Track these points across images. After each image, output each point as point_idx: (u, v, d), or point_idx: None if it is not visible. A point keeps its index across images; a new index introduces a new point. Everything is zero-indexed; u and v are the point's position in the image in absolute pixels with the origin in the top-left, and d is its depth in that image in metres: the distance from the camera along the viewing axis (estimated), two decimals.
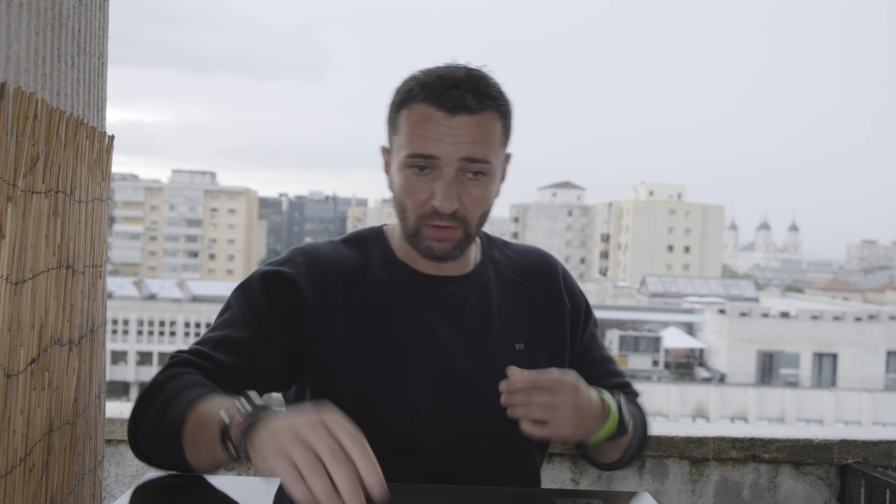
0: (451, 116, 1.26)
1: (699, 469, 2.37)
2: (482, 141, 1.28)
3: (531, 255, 1.54)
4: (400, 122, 1.31)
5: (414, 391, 1.35)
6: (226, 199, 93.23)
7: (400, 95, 1.32)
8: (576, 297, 1.53)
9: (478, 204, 1.32)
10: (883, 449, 2.35)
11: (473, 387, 1.38)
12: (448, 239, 1.32)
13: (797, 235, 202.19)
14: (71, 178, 1.29)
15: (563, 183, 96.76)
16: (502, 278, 1.47)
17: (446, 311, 1.40)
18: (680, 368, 43.41)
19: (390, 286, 1.39)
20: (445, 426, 1.36)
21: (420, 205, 1.30)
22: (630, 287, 60.95)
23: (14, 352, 1.07)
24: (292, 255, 1.41)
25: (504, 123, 1.33)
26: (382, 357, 1.36)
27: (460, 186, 1.29)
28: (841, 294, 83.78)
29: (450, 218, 1.30)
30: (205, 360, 1.28)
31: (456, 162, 1.27)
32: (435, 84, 1.28)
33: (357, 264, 1.41)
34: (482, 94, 1.28)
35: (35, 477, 1.17)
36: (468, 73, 1.30)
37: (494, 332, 1.42)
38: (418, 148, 1.27)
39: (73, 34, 1.32)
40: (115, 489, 2.32)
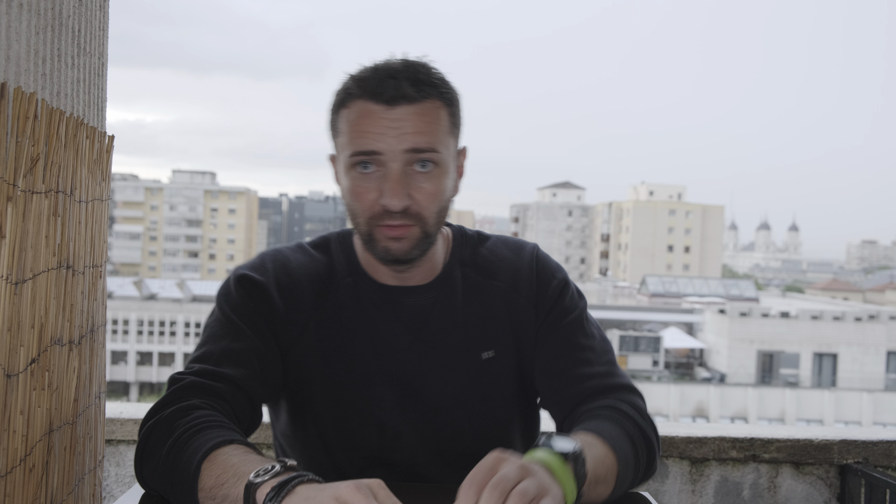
0: (390, 108, 1.20)
1: (699, 469, 2.37)
2: (426, 130, 1.21)
3: (503, 250, 1.44)
4: (340, 123, 1.25)
5: (380, 406, 1.33)
6: (226, 199, 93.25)
7: (338, 96, 1.26)
8: (547, 285, 1.40)
9: (431, 198, 1.24)
10: (883, 449, 2.35)
11: (439, 402, 1.34)
12: (404, 237, 1.24)
13: (797, 235, 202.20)
14: (71, 178, 1.29)
15: (563, 183, 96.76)
16: (470, 282, 1.39)
17: (407, 324, 1.34)
18: (680, 368, 43.39)
19: (354, 295, 1.35)
20: (415, 442, 1.34)
21: (369, 206, 1.24)
22: (630, 287, 60.95)
23: (14, 352, 1.07)
24: (262, 261, 1.37)
25: (450, 112, 1.26)
26: (349, 370, 1.33)
27: (410, 181, 1.22)
28: (841, 294, 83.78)
29: (402, 216, 1.23)
30: (212, 379, 1.23)
31: (401, 155, 1.21)
32: (370, 77, 1.22)
33: (324, 270, 1.37)
34: (421, 83, 1.22)
35: (35, 477, 1.17)
36: (405, 63, 1.24)
37: (459, 343, 1.35)
38: (360, 145, 1.21)
39: (73, 34, 1.32)
40: (115, 489, 2.32)
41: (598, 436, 1.19)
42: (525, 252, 1.43)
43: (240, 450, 1.08)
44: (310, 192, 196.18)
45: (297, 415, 1.37)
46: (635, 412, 1.30)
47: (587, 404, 1.32)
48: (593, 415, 1.28)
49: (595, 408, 1.30)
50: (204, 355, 1.27)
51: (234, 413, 1.24)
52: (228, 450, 1.08)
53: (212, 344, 1.28)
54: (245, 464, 1.03)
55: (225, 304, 1.32)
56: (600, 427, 1.22)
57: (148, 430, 1.18)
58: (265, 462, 1.01)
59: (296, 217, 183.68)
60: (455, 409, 1.35)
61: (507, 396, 1.39)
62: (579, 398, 1.34)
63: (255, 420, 1.30)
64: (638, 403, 1.34)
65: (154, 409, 1.21)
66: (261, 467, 0.98)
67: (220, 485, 1.02)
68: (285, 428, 1.41)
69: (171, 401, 1.21)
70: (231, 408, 1.23)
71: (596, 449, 1.15)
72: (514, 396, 1.40)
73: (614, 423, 1.25)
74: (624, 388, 1.35)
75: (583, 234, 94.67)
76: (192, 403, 1.19)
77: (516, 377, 1.39)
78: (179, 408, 1.18)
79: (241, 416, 1.25)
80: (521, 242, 1.46)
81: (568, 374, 1.35)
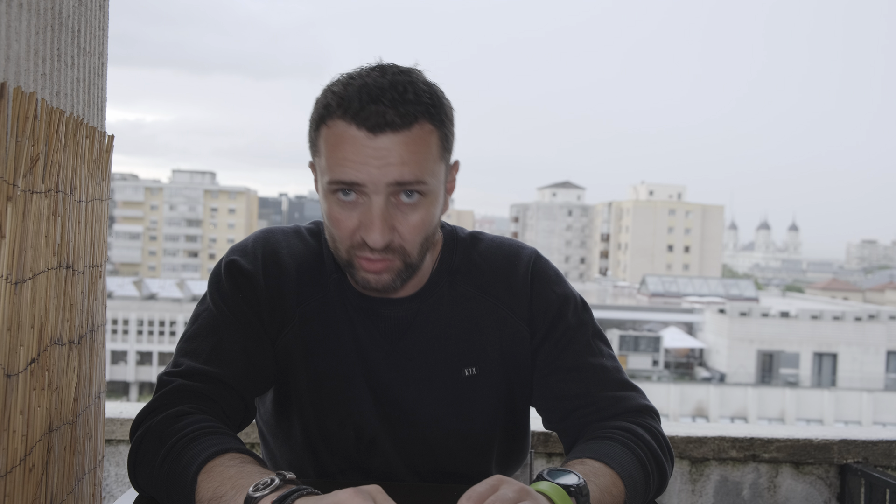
0: (373, 136, 1.11)
1: (699, 469, 2.36)
2: (413, 160, 1.12)
3: (497, 257, 1.35)
4: (319, 141, 1.16)
5: (358, 409, 1.29)
6: (226, 198, 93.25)
7: (318, 110, 1.17)
8: (544, 301, 1.33)
9: (416, 231, 1.17)
10: (883, 449, 2.35)
11: (415, 416, 1.30)
12: (384, 271, 1.17)
13: (797, 235, 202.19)
14: (71, 178, 1.29)
15: (563, 183, 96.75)
16: (458, 292, 1.31)
17: (385, 334, 1.29)
18: (680, 368, 43.41)
19: (340, 293, 1.30)
20: (391, 451, 1.31)
21: (349, 235, 1.16)
22: (630, 287, 60.97)
23: (14, 352, 1.07)
24: (254, 246, 1.32)
25: (441, 134, 1.17)
26: (331, 368, 1.29)
27: (394, 213, 1.15)
28: (841, 294, 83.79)
29: (383, 251, 1.15)
30: (201, 380, 1.21)
31: (385, 188, 1.12)
32: (353, 98, 1.11)
33: (314, 261, 1.32)
34: (409, 104, 1.11)
35: (35, 477, 1.17)
36: (392, 82, 1.12)
37: (439, 358, 1.30)
38: (339, 174, 1.13)
39: (73, 34, 1.31)
40: (115, 489, 2.32)
41: (605, 463, 1.15)
42: (521, 261, 1.35)
43: (236, 459, 1.06)
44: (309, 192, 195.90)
45: (281, 406, 1.35)
46: (649, 435, 1.25)
47: (597, 426, 1.27)
48: (604, 436, 1.23)
49: (607, 429, 1.25)
50: (194, 351, 1.24)
51: (225, 413, 1.22)
52: (225, 460, 1.06)
53: (201, 339, 1.26)
54: (243, 476, 1.01)
55: (216, 292, 1.29)
56: (610, 452, 1.18)
57: (139, 437, 1.17)
58: (264, 474, 1.01)
59: (296, 217, 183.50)
60: (432, 424, 1.30)
61: (487, 415, 1.33)
62: (591, 420, 1.29)
63: (248, 415, 1.28)
64: (653, 426, 1.28)
65: (143, 414, 1.20)
66: (260, 480, 0.97)
67: (219, 497, 1.01)
68: (269, 417, 1.39)
69: (160, 406, 1.19)
70: (221, 409, 1.21)
71: (602, 477, 1.11)
72: (495, 415, 1.34)
73: (626, 448, 1.20)
74: (640, 409, 1.30)
75: (583, 233, 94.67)
76: (182, 409, 1.17)
77: (501, 396, 1.34)
78: (169, 415, 1.16)
79: (232, 414, 1.23)
80: (518, 249, 1.37)
81: (579, 396, 1.30)
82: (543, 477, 1.06)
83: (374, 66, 1.17)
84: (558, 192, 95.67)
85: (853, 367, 38.86)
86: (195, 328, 1.28)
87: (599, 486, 1.09)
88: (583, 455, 1.18)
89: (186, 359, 1.24)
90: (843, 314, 41.85)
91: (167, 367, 1.26)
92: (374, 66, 1.18)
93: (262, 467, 1.06)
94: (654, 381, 36.68)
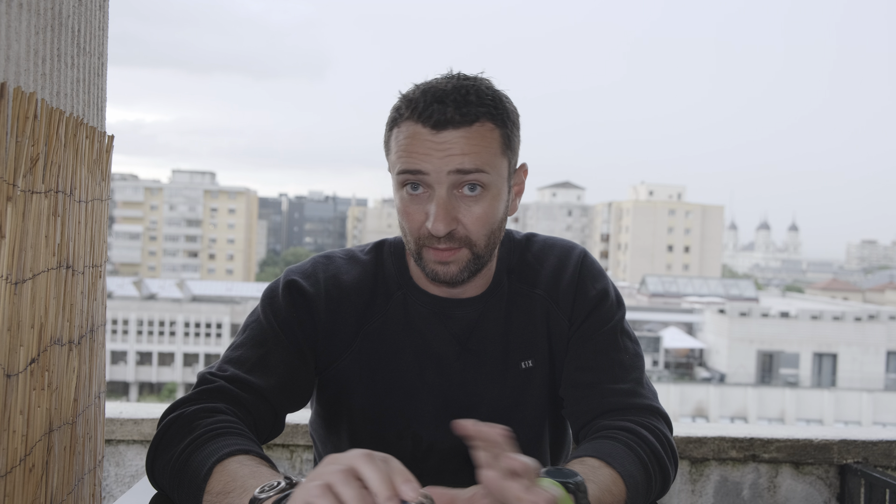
0: (436, 132, 1.19)
1: (699, 469, 2.36)
2: (473, 151, 1.20)
3: (549, 257, 1.42)
4: (391, 142, 1.26)
5: (418, 420, 1.34)
6: (226, 199, 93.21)
7: (391, 115, 1.27)
8: (584, 295, 1.38)
9: (479, 222, 1.23)
10: (883, 449, 2.35)
11: (476, 410, 1.35)
12: (451, 261, 1.24)
13: (797, 235, 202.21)
14: (71, 178, 1.29)
15: (563, 183, 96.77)
16: (515, 290, 1.39)
17: (456, 335, 1.35)
18: (680, 368, 43.41)
19: (403, 309, 1.35)
20: (448, 452, 1.34)
21: (417, 227, 1.24)
22: (630, 287, 60.93)
23: (14, 352, 1.07)
24: (314, 269, 1.36)
25: (503, 133, 1.24)
26: (390, 384, 1.34)
27: (458, 205, 1.22)
28: (841, 294, 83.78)
29: (448, 239, 1.22)
30: (240, 387, 1.24)
31: (446, 177, 1.19)
32: (419, 100, 1.21)
33: (374, 283, 1.36)
34: (470, 104, 1.20)
35: (35, 477, 1.17)
36: (456, 85, 1.22)
37: (501, 352, 1.36)
38: (406, 164, 1.21)
39: (73, 34, 1.31)
40: (115, 489, 2.32)
41: (606, 462, 1.16)
42: (571, 260, 1.41)
43: (252, 461, 1.09)
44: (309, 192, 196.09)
45: (332, 422, 1.39)
46: (654, 437, 1.26)
47: (604, 420, 1.30)
48: (608, 436, 1.25)
49: (612, 427, 1.27)
50: (239, 359, 1.28)
51: (256, 425, 1.25)
52: (241, 459, 1.09)
53: (248, 349, 1.29)
54: (253, 477, 1.04)
55: (269, 308, 1.32)
56: (613, 451, 1.19)
57: (168, 422, 1.19)
58: (272, 477, 1.02)
59: (295, 217, 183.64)
60: (491, 417, 1.34)
61: (540, 406, 1.39)
62: (598, 412, 1.32)
63: (276, 428, 1.31)
64: (659, 427, 1.29)
65: (178, 404, 1.23)
66: (267, 483, 0.99)
67: (227, 493, 1.03)
68: (318, 427, 1.44)
69: (197, 400, 1.22)
70: (254, 420, 1.25)
71: (603, 477, 1.13)
72: (546, 406, 1.40)
73: (628, 448, 1.21)
74: (646, 409, 1.32)
75: (583, 234, 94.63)
76: (217, 407, 1.20)
77: (549, 387, 1.39)
78: (204, 408, 1.19)
79: (262, 427, 1.27)
80: (569, 248, 1.44)
81: (591, 386, 1.33)
82: (541, 474, 1.06)
83: (447, 75, 1.26)
84: (558, 193, 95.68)
85: (853, 368, 38.85)
86: (243, 338, 1.32)
87: (599, 485, 1.10)
88: (584, 454, 1.19)
89: (231, 366, 1.28)
90: (843, 314, 41.85)
91: (211, 368, 1.30)
92: (447, 74, 1.26)
93: (274, 471, 1.08)
94: (654, 381, 36.63)
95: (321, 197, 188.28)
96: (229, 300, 50.87)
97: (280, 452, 2.36)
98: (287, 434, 2.32)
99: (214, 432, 1.14)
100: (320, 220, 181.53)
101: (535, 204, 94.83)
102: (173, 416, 1.20)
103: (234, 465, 1.07)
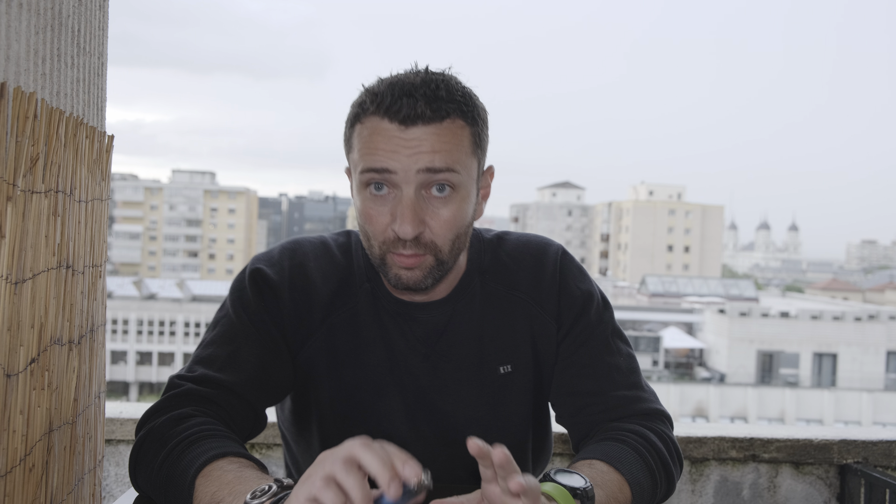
0: (404, 128, 1.12)
1: (699, 469, 2.37)
2: (444, 149, 1.13)
3: (524, 255, 1.35)
4: (353, 138, 1.19)
5: (389, 418, 1.29)
6: (226, 199, 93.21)
7: (353, 111, 1.19)
8: (570, 296, 1.33)
9: (447, 226, 1.16)
10: (883, 449, 2.35)
11: (451, 418, 1.30)
12: (416, 267, 1.17)
13: (797, 235, 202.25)
14: (71, 177, 1.29)
15: (563, 183, 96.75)
16: (489, 291, 1.32)
17: (421, 338, 1.29)
18: (680, 368, 43.41)
19: (372, 302, 1.29)
20: (422, 458, 1.30)
21: (381, 230, 1.17)
22: (630, 287, 60.95)
23: (14, 352, 1.07)
24: (280, 257, 1.31)
25: (473, 131, 1.18)
26: (359, 378, 1.29)
27: (425, 206, 1.15)
28: (841, 294, 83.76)
29: (414, 244, 1.15)
30: (211, 386, 1.20)
31: (415, 176, 1.13)
32: (385, 93, 1.14)
33: (343, 272, 1.31)
34: (440, 100, 1.13)
35: (35, 477, 1.17)
36: (425, 79, 1.15)
37: (475, 357, 1.30)
38: (371, 162, 1.14)
39: (73, 34, 1.31)
40: (115, 489, 2.32)
41: (614, 466, 1.14)
42: (548, 258, 1.35)
43: (235, 464, 1.06)
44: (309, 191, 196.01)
45: (301, 416, 1.35)
46: (660, 441, 1.25)
47: (609, 425, 1.27)
48: (614, 438, 1.22)
49: (620, 429, 1.24)
50: (209, 358, 1.24)
51: (233, 420, 1.21)
52: (223, 464, 1.06)
53: (218, 346, 1.25)
54: (241, 481, 1.01)
55: (238, 301, 1.28)
56: (622, 456, 1.17)
57: (141, 438, 1.17)
58: (261, 480, 1.00)
59: (295, 217, 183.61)
60: (468, 424, 1.30)
61: (522, 413, 1.34)
62: (601, 419, 1.29)
63: (258, 425, 1.28)
64: (665, 431, 1.28)
65: (147, 416, 1.20)
66: (257, 487, 0.96)
67: (217, 502, 1.01)
68: (289, 424, 1.39)
69: (165, 408, 1.19)
70: (229, 415, 1.21)
71: (610, 483, 1.11)
72: (529, 413, 1.35)
73: (636, 453, 1.19)
74: (651, 412, 1.29)
75: (582, 234, 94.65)
76: (186, 412, 1.16)
77: (533, 393, 1.34)
78: (172, 417, 1.16)
79: (240, 422, 1.23)
80: (544, 245, 1.37)
81: (592, 394, 1.29)
82: (550, 477, 1.05)
83: (410, 69, 1.20)
84: (558, 192, 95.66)
85: (853, 368, 38.85)
86: (213, 335, 1.27)
87: (606, 492, 1.09)
88: (592, 456, 1.17)
89: (200, 366, 1.24)
90: (843, 314, 41.84)
91: (180, 371, 1.26)
92: (410, 69, 1.20)
93: (260, 472, 1.06)
94: (654, 381, 36.64)
95: (321, 197, 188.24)
96: None
97: (278, 452, 2.36)
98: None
99: (188, 440, 1.11)
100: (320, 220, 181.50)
101: (535, 204, 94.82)
102: (144, 431, 1.17)
103: (216, 472, 1.04)
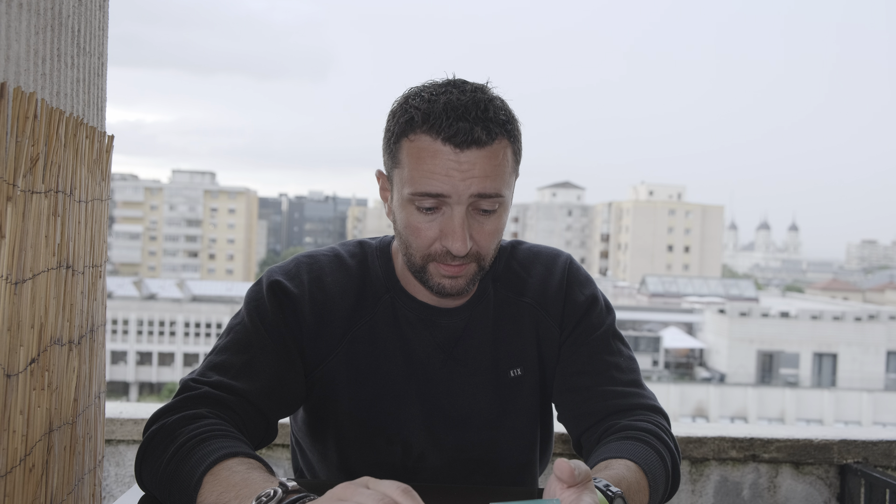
0: (459, 152, 1.15)
1: (699, 469, 2.36)
2: (494, 174, 1.17)
3: (535, 266, 1.39)
4: (401, 154, 1.20)
5: (408, 426, 1.31)
6: (226, 199, 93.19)
7: (399, 124, 1.20)
8: (574, 302, 1.37)
9: (491, 237, 1.22)
10: (883, 449, 2.35)
11: (467, 422, 1.33)
12: (461, 275, 1.23)
13: (797, 235, 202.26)
14: (71, 178, 1.29)
15: (563, 183, 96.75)
16: (501, 298, 1.36)
17: (441, 343, 1.32)
18: (680, 368, 43.41)
19: (392, 313, 1.32)
20: (438, 459, 1.33)
21: (427, 244, 1.21)
22: (630, 287, 60.95)
23: (14, 352, 1.07)
24: (297, 271, 1.32)
25: (514, 149, 1.22)
26: (379, 388, 1.31)
27: (472, 223, 1.20)
28: (841, 294, 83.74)
29: (462, 257, 1.20)
30: (227, 391, 1.21)
31: (467, 199, 1.17)
32: (439, 115, 1.15)
33: (360, 285, 1.32)
34: (491, 122, 1.16)
35: (35, 477, 1.17)
36: (474, 99, 1.17)
37: (489, 361, 1.34)
38: (425, 186, 1.16)
39: (73, 34, 1.31)
40: (115, 489, 2.32)
41: (640, 466, 1.16)
42: (557, 267, 1.39)
43: (244, 465, 1.06)
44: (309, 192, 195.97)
45: (317, 427, 1.36)
46: (668, 437, 1.28)
47: (612, 421, 1.29)
48: (638, 437, 1.23)
49: (637, 429, 1.26)
50: (224, 365, 1.24)
51: (245, 426, 1.22)
52: (232, 464, 1.06)
53: (233, 354, 1.25)
54: (247, 483, 1.01)
55: (255, 311, 1.28)
56: (648, 459, 1.19)
57: (151, 434, 1.17)
58: (267, 483, 1.00)
59: (295, 217, 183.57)
60: (482, 427, 1.33)
61: (530, 415, 1.38)
62: (601, 415, 1.31)
63: (268, 435, 1.28)
64: (666, 427, 1.30)
65: (159, 413, 1.20)
66: (262, 492, 0.97)
67: (221, 501, 1.01)
68: (303, 435, 1.40)
69: (179, 408, 1.19)
70: (242, 421, 1.21)
71: (635, 480, 1.13)
72: (537, 414, 1.39)
73: (659, 458, 1.21)
74: (650, 408, 1.32)
75: (582, 234, 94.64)
76: (199, 412, 1.17)
77: (539, 395, 1.38)
78: (186, 416, 1.16)
79: (252, 430, 1.23)
80: (554, 255, 1.42)
81: (590, 390, 1.32)
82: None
83: (449, 82, 1.21)
84: (558, 193, 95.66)
85: (853, 368, 38.85)
86: (227, 342, 1.27)
87: (632, 485, 1.12)
88: (623, 455, 1.18)
89: (215, 372, 1.24)
90: (843, 314, 41.86)
91: (194, 374, 1.26)
92: (448, 81, 1.21)
93: (267, 474, 1.06)
94: (654, 381, 36.67)
95: (321, 197, 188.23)
96: (229, 300, 50.84)
97: (281, 452, 2.36)
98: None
99: (199, 438, 1.11)
100: (320, 220, 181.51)
101: (535, 204, 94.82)
102: (155, 427, 1.17)
103: (224, 472, 1.05)
